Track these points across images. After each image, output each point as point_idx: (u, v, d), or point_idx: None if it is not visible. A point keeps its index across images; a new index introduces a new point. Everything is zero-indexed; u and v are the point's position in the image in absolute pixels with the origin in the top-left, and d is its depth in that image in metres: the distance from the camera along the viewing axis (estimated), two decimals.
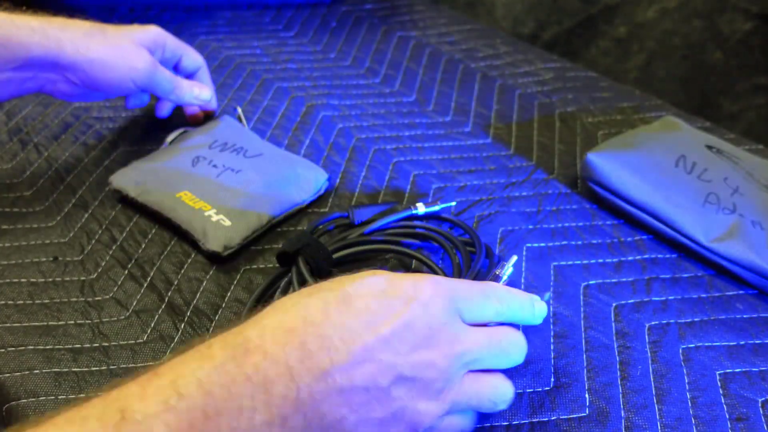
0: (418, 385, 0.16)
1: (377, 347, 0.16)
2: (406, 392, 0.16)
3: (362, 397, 0.15)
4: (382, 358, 0.16)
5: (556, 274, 0.29)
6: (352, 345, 0.15)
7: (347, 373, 0.15)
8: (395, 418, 0.16)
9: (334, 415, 0.15)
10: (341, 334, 0.15)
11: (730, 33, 0.57)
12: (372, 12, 0.54)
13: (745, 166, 0.32)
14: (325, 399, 0.15)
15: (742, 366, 0.25)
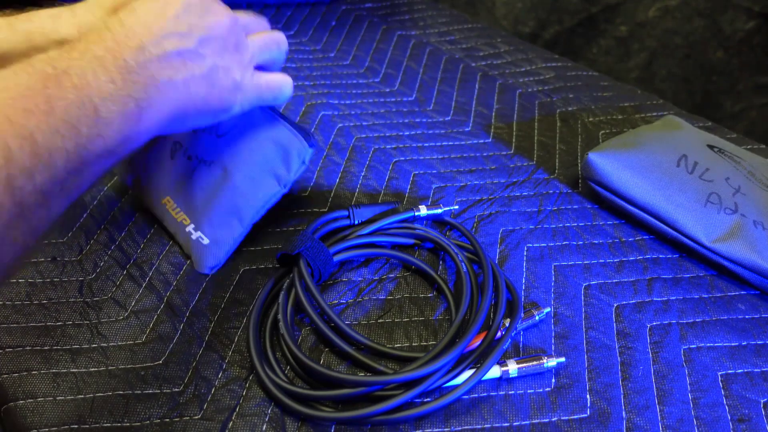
0: (217, 42, 0.22)
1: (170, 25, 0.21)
2: (211, 50, 0.22)
3: (179, 60, 0.21)
4: (179, 29, 0.21)
5: (557, 275, 0.29)
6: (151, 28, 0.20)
7: (157, 45, 0.20)
8: (213, 72, 0.22)
9: (163, 76, 0.20)
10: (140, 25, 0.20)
11: (732, 32, 0.57)
12: (372, 11, 0.54)
13: (746, 165, 0.32)
14: (148, 65, 0.20)
15: (744, 367, 0.25)
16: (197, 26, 0.21)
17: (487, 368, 0.23)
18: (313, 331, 0.26)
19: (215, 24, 0.22)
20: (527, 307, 0.27)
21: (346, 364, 0.24)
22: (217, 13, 0.22)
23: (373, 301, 0.27)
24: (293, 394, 0.23)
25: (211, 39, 0.22)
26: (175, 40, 0.21)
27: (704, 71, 0.60)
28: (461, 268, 0.27)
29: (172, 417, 0.22)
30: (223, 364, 0.24)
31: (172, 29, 0.21)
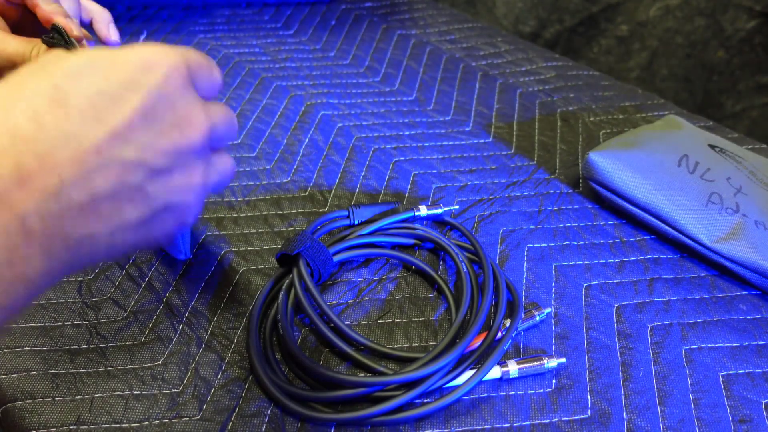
0: (177, 175, 0.15)
1: (115, 146, 0.13)
2: (164, 184, 0.15)
3: (112, 205, 0.14)
4: (125, 156, 0.13)
5: (558, 275, 0.29)
6: (82, 153, 0.13)
7: (84, 185, 0.13)
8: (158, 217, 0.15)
9: (81, 233, 0.13)
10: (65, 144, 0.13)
11: (733, 31, 0.57)
12: (372, 10, 0.54)
13: (748, 165, 0.32)
14: (62, 220, 0.13)
15: (745, 367, 0.25)
16: (155, 147, 0.14)
17: (488, 369, 0.23)
18: (312, 332, 0.26)
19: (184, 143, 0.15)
20: (528, 307, 0.27)
21: (345, 365, 0.24)
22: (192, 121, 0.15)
23: (373, 302, 0.27)
24: (293, 394, 0.23)
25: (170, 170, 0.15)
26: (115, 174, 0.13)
27: (705, 71, 0.60)
28: (461, 268, 0.27)
29: (171, 418, 0.22)
30: (222, 365, 0.24)
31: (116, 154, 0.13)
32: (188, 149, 0.15)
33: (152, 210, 0.15)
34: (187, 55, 0.15)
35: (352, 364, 0.24)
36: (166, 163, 0.14)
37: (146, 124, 0.14)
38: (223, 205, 0.32)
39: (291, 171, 0.35)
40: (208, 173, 0.16)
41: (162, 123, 0.14)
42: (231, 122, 0.17)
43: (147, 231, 0.15)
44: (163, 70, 0.14)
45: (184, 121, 0.15)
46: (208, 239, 0.30)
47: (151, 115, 0.14)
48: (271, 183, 0.34)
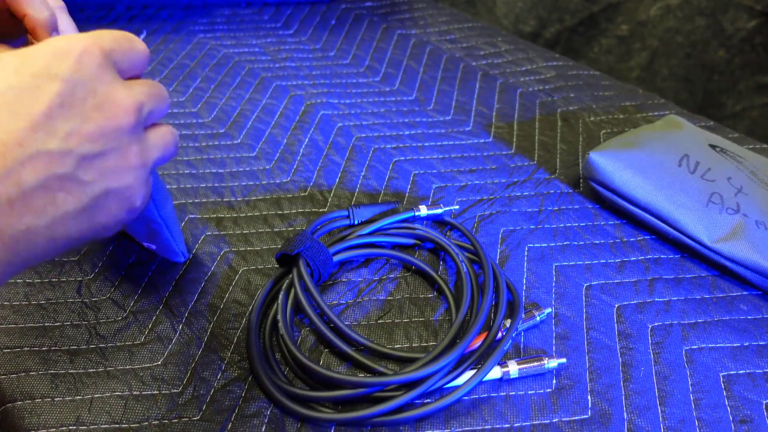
0: (110, 158, 0.14)
1: (36, 137, 0.13)
2: (99, 172, 0.14)
3: (44, 197, 0.13)
4: (49, 146, 0.13)
5: (558, 275, 0.29)
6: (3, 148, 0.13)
7: (10, 180, 0.13)
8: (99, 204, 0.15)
9: (16, 228, 0.13)
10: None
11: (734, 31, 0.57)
12: (372, 10, 0.54)
13: (748, 165, 0.32)
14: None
15: (746, 367, 0.25)
16: (80, 134, 0.14)
17: (488, 369, 0.23)
18: (312, 332, 0.26)
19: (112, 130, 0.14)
20: (528, 307, 0.27)
21: (345, 365, 0.24)
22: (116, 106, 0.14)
23: (373, 302, 0.27)
24: (293, 395, 0.23)
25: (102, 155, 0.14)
26: (42, 165, 0.13)
27: (706, 70, 0.60)
28: (462, 268, 0.27)
29: (170, 418, 0.22)
30: (222, 365, 0.24)
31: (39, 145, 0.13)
32: (116, 130, 0.14)
33: (90, 197, 0.14)
34: (101, 37, 0.15)
35: (352, 364, 0.24)
36: (96, 148, 0.14)
37: (66, 112, 0.13)
38: (223, 205, 0.32)
39: (291, 171, 0.35)
40: (146, 151, 0.16)
41: (83, 108, 0.14)
42: (160, 95, 0.17)
43: (90, 219, 0.15)
44: (75, 56, 0.14)
45: (106, 104, 0.14)
46: (207, 239, 0.30)
47: (69, 102, 0.14)
48: (271, 183, 0.34)
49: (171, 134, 0.17)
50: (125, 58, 0.16)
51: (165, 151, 0.17)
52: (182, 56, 0.46)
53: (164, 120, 0.20)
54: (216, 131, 0.38)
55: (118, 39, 0.16)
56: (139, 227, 0.26)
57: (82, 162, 0.14)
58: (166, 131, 0.17)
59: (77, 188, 0.14)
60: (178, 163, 0.35)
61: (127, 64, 0.16)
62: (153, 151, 0.16)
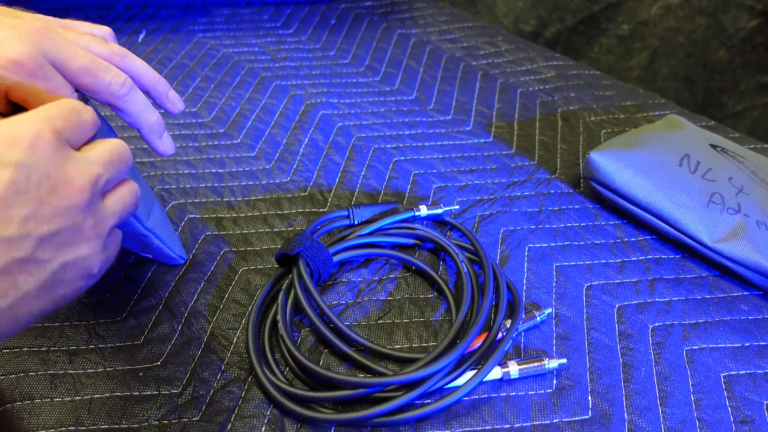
0: (66, 234, 0.15)
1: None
2: (55, 249, 0.15)
3: (5, 281, 0.14)
4: (8, 233, 0.14)
5: (558, 275, 0.29)
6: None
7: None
8: (58, 278, 0.16)
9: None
10: None
11: (735, 30, 0.57)
12: (372, 9, 0.54)
13: (749, 165, 0.32)
14: None
15: (747, 368, 0.25)
16: (35, 218, 0.14)
17: (488, 369, 0.23)
18: (312, 332, 0.26)
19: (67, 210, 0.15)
20: (528, 307, 0.27)
21: (345, 366, 0.24)
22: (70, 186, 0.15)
23: (373, 302, 0.27)
24: (292, 395, 0.22)
25: (58, 234, 0.15)
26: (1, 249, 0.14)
27: (706, 70, 0.60)
28: (462, 268, 0.27)
29: (170, 419, 0.22)
30: (221, 366, 0.24)
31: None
32: (71, 209, 0.15)
33: (49, 273, 0.15)
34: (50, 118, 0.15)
35: (352, 364, 0.24)
36: (52, 228, 0.15)
37: (22, 197, 0.14)
38: (223, 204, 0.32)
39: (291, 171, 0.35)
40: (101, 221, 0.17)
41: (38, 192, 0.14)
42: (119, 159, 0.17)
43: (50, 294, 0.16)
44: (28, 142, 0.14)
45: (60, 185, 0.15)
46: (207, 239, 0.30)
47: (24, 188, 0.14)
48: (271, 183, 0.34)
49: (130, 193, 0.18)
50: (76, 132, 0.16)
51: (123, 213, 0.18)
52: (182, 56, 0.46)
53: None
54: (215, 131, 0.38)
55: (66, 114, 0.16)
56: (130, 242, 0.26)
57: (39, 243, 0.15)
58: (125, 192, 0.18)
59: (36, 268, 0.15)
60: (178, 162, 0.35)
61: (78, 136, 0.16)
62: (109, 219, 0.17)
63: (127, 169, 0.18)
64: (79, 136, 0.17)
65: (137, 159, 0.36)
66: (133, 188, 0.18)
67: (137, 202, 0.19)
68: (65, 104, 0.16)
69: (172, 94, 0.24)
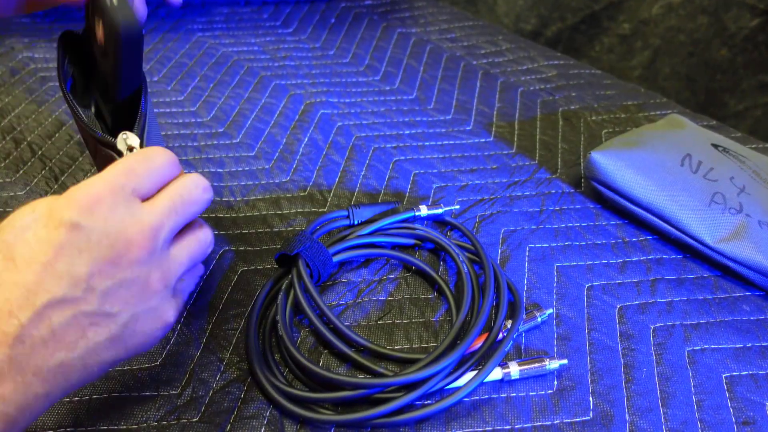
0: (132, 288, 0.16)
1: (58, 283, 0.15)
2: (123, 302, 0.16)
3: (74, 333, 0.15)
4: (71, 291, 0.15)
5: (559, 275, 0.29)
6: (31, 295, 0.15)
7: (42, 322, 0.15)
8: (129, 329, 0.16)
9: (50, 364, 0.15)
10: (16, 291, 0.14)
11: (737, 30, 0.56)
12: (372, 8, 0.54)
13: (751, 165, 0.32)
14: (30, 357, 0.14)
15: (749, 368, 0.25)
16: (98, 274, 0.15)
17: (489, 370, 0.23)
18: (312, 333, 0.26)
19: (129, 264, 0.16)
20: (529, 308, 0.27)
21: (345, 366, 0.24)
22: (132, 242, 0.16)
23: (372, 302, 0.27)
24: (292, 396, 0.22)
25: (124, 285, 0.16)
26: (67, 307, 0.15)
27: (708, 69, 0.59)
28: (462, 268, 0.27)
29: (169, 420, 0.22)
30: (221, 366, 0.24)
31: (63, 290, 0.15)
32: (131, 264, 0.16)
33: (119, 326, 0.16)
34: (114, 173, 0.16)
35: (352, 365, 0.24)
36: (115, 282, 0.16)
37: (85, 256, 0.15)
38: (222, 204, 0.32)
39: (290, 170, 0.35)
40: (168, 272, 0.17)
41: (99, 249, 0.15)
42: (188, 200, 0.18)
43: (123, 344, 0.16)
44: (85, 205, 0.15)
45: (120, 242, 0.16)
46: None
47: (85, 247, 0.15)
48: (270, 182, 0.34)
49: (197, 243, 0.18)
50: (143, 182, 0.17)
51: (190, 262, 0.18)
52: (181, 55, 0.46)
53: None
54: (215, 130, 0.38)
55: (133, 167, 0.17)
56: None
57: (105, 297, 0.16)
58: (193, 241, 0.18)
59: (105, 320, 0.16)
60: None
61: (146, 185, 0.17)
62: (177, 269, 0.18)
63: (197, 210, 0.18)
64: (149, 185, 0.17)
65: None
66: (201, 236, 0.19)
67: (206, 250, 0.19)
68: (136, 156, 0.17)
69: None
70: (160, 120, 0.39)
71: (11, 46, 0.45)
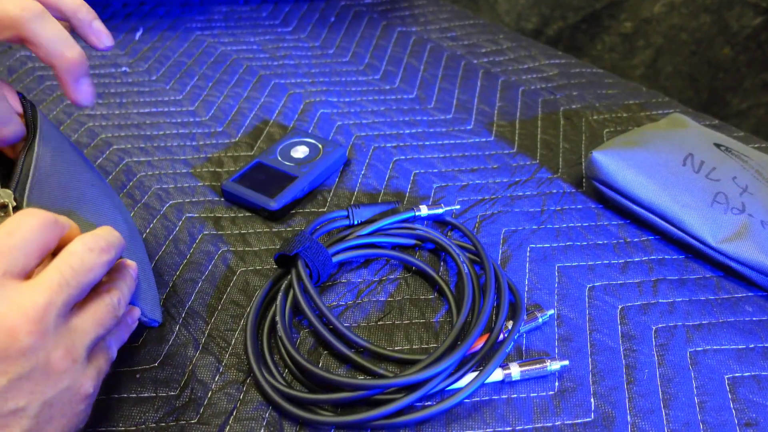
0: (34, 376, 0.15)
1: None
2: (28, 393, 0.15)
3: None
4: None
5: (561, 276, 0.29)
6: None
7: None
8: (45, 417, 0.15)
9: None
10: None
11: (739, 28, 0.56)
12: (372, 6, 0.53)
13: (754, 164, 0.32)
14: None
15: (751, 369, 0.25)
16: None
17: (490, 371, 0.23)
18: (311, 334, 0.25)
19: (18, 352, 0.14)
20: (530, 309, 0.26)
21: (345, 367, 0.24)
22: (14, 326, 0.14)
23: (372, 303, 0.27)
24: (291, 397, 0.22)
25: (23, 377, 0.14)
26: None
27: (711, 68, 0.59)
28: (463, 269, 0.27)
29: (168, 421, 0.22)
30: (219, 367, 0.24)
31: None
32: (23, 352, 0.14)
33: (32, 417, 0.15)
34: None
35: (352, 366, 0.24)
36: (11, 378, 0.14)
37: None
38: (221, 204, 0.32)
39: None
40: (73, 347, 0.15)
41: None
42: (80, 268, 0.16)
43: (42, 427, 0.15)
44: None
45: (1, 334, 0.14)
46: (205, 238, 0.30)
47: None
48: None
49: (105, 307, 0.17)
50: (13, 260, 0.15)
51: (101, 328, 0.17)
52: (179, 54, 0.46)
53: None
54: (214, 129, 0.38)
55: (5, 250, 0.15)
56: None
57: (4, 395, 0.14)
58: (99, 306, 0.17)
59: (14, 419, 0.14)
60: (176, 162, 0.35)
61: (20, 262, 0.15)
62: (84, 338, 0.16)
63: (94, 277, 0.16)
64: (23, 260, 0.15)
65: (134, 158, 0.35)
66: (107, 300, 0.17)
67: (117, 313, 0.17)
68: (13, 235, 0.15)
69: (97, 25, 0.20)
70: (160, 119, 0.39)
71: (8, 45, 0.45)
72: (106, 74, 0.43)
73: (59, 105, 0.39)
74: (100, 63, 0.44)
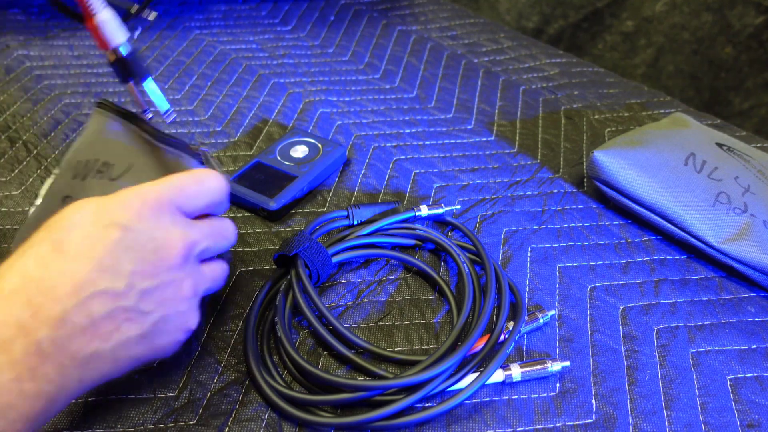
0: (167, 290, 0.18)
1: (103, 276, 0.16)
2: (157, 303, 0.18)
3: (109, 325, 0.17)
4: (116, 285, 0.16)
5: (562, 276, 0.28)
6: (77, 285, 0.16)
7: (83, 311, 0.16)
8: (158, 329, 0.18)
9: (86, 351, 0.16)
10: (64, 280, 0.16)
11: (741, 27, 0.56)
12: (371, 5, 0.53)
13: (756, 164, 0.32)
14: (69, 341, 0.16)
15: (754, 370, 0.25)
16: (140, 273, 0.17)
17: (490, 372, 0.23)
18: (311, 334, 0.25)
19: (167, 269, 0.17)
20: (531, 309, 0.26)
21: (345, 368, 0.24)
22: (170, 244, 0.17)
23: (372, 304, 0.27)
24: (291, 398, 0.22)
25: (161, 287, 0.17)
26: (108, 299, 0.16)
27: (712, 67, 0.59)
28: (463, 269, 0.26)
29: (166, 422, 0.22)
30: (219, 368, 0.24)
31: (106, 283, 0.16)
32: (169, 268, 0.18)
33: (150, 324, 0.18)
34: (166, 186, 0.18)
35: (352, 367, 0.24)
36: (153, 283, 0.17)
37: (129, 255, 0.17)
38: None
39: None
40: (197, 284, 0.19)
41: (143, 251, 0.17)
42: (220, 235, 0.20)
43: (150, 343, 0.18)
44: (135, 209, 0.17)
45: (161, 247, 0.18)
46: None
47: (131, 246, 0.17)
48: None
49: (221, 270, 0.21)
50: (189, 202, 0.19)
51: (213, 283, 0.21)
52: (178, 53, 0.45)
53: None
54: (213, 129, 0.38)
55: (184, 187, 0.19)
56: None
57: (142, 296, 0.17)
58: (217, 268, 0.21)
59: (138, 318, 0.17)
60: None
61: (192, 205, 0.19)
62: (203, 284, 0.20)
63: (226, 245, 0.21)
64: (194, 205, 0.19)
65: None
66: (224, 267, 0.21)
67: (225, 279, 0.21)
68: (190, 177, 0.19)
69: None
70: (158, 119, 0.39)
71: (6, 43, 0.45)
72: (105, 73, 0.42)
73: (57, 104, 0.39)
74: (99, 62, 0.44)
